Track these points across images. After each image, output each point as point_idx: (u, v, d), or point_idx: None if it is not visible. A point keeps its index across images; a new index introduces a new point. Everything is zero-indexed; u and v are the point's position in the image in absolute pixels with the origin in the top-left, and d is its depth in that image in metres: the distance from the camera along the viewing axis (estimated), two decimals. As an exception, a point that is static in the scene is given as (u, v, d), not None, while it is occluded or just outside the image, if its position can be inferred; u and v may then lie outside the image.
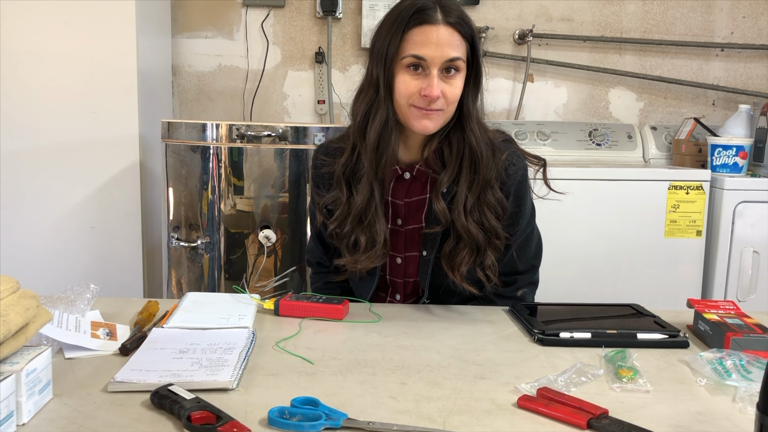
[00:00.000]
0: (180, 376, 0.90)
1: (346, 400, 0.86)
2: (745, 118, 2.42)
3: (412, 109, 1.23)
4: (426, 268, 1.33)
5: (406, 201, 1.34)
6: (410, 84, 1.22)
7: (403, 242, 1.36)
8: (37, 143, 2.18)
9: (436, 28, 1.20)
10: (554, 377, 0.93)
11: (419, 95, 1.21)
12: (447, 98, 1.22)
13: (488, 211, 1.26)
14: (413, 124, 1.24)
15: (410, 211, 1.34)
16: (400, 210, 1.35)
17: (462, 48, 1.23)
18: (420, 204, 1.33)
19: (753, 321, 1.12)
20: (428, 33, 1.20)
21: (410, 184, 1.34)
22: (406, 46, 1.21)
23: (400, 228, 1.35)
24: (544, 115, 2.85)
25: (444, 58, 1.20)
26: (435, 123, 1.24)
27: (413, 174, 1.33)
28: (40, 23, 2.13)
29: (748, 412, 0.85)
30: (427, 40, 1.20)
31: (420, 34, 1.21)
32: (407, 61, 1.21)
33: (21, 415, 0.78)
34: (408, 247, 1.36)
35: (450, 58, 1.20)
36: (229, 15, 2.75)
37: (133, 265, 2.25)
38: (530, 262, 1.40)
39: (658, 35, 2.82)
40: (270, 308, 1.24)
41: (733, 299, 2.19)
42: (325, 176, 1.37)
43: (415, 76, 1.22)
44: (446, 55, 1.20)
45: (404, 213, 1.35)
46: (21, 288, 0.87)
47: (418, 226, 1.34)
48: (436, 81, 1.20)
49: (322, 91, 2.77)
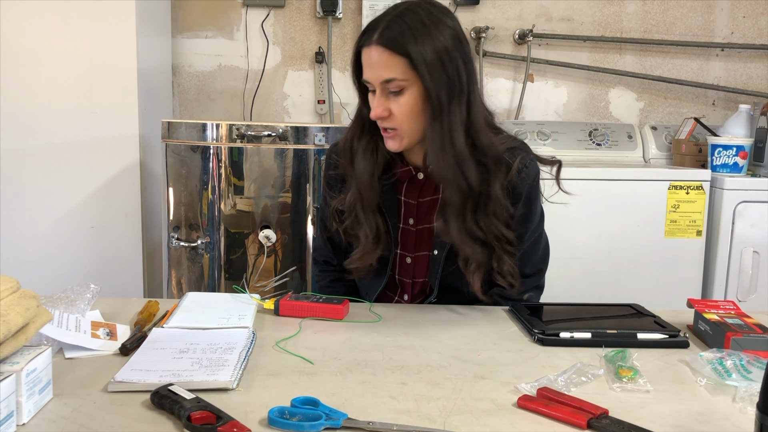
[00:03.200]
0: (180, 376, 0.90)
1: (346, 400, 0.86)
2: (745, 118, 2.42)
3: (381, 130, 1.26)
4: (436, 267, 1.33)
5: (420, 201, 1.34)
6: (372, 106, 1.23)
7: (414, 242, 1.36)
8: (37, 143, 2.18)
9: (369, 50, 1.20)
10: (554, 377, 0.93)
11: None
12: (395, 116, 1.21)
13: (495, 220, 1.25)
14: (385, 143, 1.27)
15: (423, 211, 1.34)
16: (413, 210, 1.35)
17: (397, 67, 1.17)
18: (432, 204, 1.33)
19: (753, 321, 1.12)
20: (366, 56, 1.21)
21: (423, 184, 1.34)
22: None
23: (412, 228, 1.35)
24: (544, 115, 2.85)
25: (378, 80, 1.20)
26: (396, 143, 1.25)
27: (426, 174, 1.32)
28: (40, 23, 2.13)
29: (748, 412, 0.85)
30: (366, 63, 1.21)
31: (363, 56, 1.22)
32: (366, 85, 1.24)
33: (21, 415, 0.78)
34: (419, 247, 1.36)
35: (384, 80, 1.19)
36: (229, 15, 2.75)
37: (133, 265, 2.25)
38: (537, 266, 1.40)
39: (658, 35, 2.82)
40: (270, 308, 1.24)
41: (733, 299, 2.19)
42: (337, 177, 1.37)
43: (373, 96, 1.23)
44: (379, 76, 1.19)
45: (417, 213, 1.35)
46: (21, 288, 0.87)
47: (429, 225, 1.34)
48: (376, 102, 1.21)
49: (322, 91, 2.77)
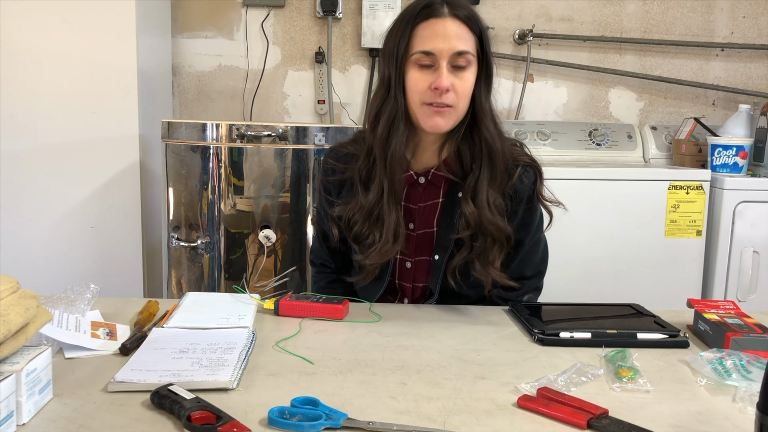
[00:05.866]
0: (180, 376, 0.90)
1: (346, 400, 0.86)
2: (745, 118, 2.41)
3: (424, 108, 1.23)
4: (438, 272, 1.32)
5: (420, 206, 1.34)
6: (420, 80, 1.21)
7: (415, 246, 1.36)
8: (37, 143, 2.18)
9: (443, 21, 1.20)
10: (554, 377, 0.93)
11: (430, 90, 1.21)
12: (457, 92, 1.21)
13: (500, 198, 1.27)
14: (425, 122, 1.24)
15: (423, 216, 1.34)
16: (414, 214, 1.34)
17: (470, 42, 1.22)
18: (432, 208, 1.33)
19: (753, 321, 1.12)
20: (435, 26, 1.20)
21: (424, 189, 1.34)
22: (415, 42, 1.21)
23: (412, 232, 1.35)
24: (544, 115, 2.85)
25: (452, 51, 1.20)
26: (446, 120, 1.23)
27: (428, 178, 1.33)
28: (40, 23, 2.13)
29: (748, 412, 0.85)
30: (435, 34, 1.20)
31: (427, 28, 1.20)
32: (416, 57, 1.21)
33: (21, 415, 0.78)
34: (419, 252, 1.36)
35: (458, 51, 1.20)
36: (229, 15, 2.75)
37: (133, 265, 2.25)
38: (537, 268, 1.41)
39: (658, 35, 2.82)
40: (270, 308, 1.24)
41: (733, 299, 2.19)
42: (335, 183, 1.36)
43: (425, 71, 1.21)
44: (454, 47, 1.20)
45: (417, 217, 1.34)
46: (21, 288, 0.87)
47: (430, 230, 1.34)
48: (445, 73, 1.20)
49: (322, 91, 2.77)
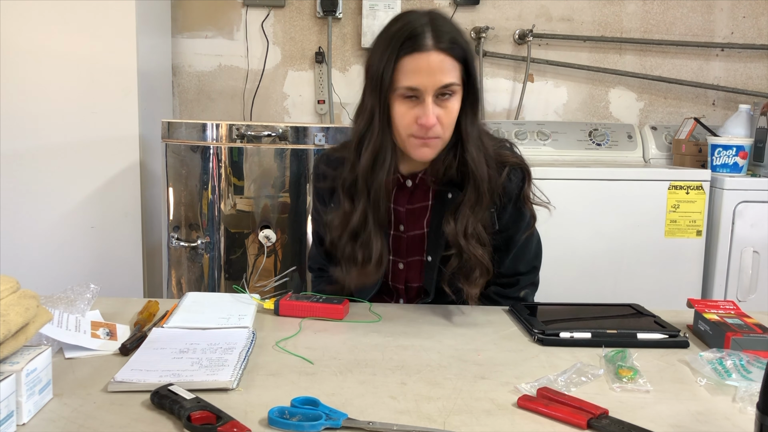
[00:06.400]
0: (180, 376, 0.90)
1: (346, 400, 0.86)
2: (745, 118, 2.41)
3: (411, 140, 1.22)
4: (431, 273, 1.32)
5: (408, 208, 1.34)
6: (406, 115, 1.21)
7: (406, 248, 1.36)
8: (37, 143, 2.18)
9: (427, 55, 1.17)
10: (554, 377, 0.93)
11: (416, 124, 1.20)
12: (443, 123, 1.21)
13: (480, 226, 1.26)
14: (412, 153, 1.24)
15: (412, 218, 1.34)
16: (402, 217, 1.35)
17: (455, 72, 1.20)
18: (422, 210, 1.34)
19: (753, 321, 1.12)
20: (419, 61, 1.18)
21: (412, 192, 1.34)
22: (399, 76, 1.19)
23: (402, 234, 1.35)
24: (544, 115, 2.85)
25: (437, 86, 1.18)
26: (433, 150, 1.24)
27: (415, 182, 1.33)
28: (40, 23, 2.13)
29: (748, 412, 0.85)
30: (419, 69, 1.18)
31: (411, 62, 1.18)
32: (401, 92, 1.20)
33: (21, 415, 0.78)
34: (410, 253, 1.36)
35: (443, 85, 1.19)
36: (229, 15, 2.75)
37: (133, 265, 2.25)
38: (531, 263, 1.41)
39: (658, 35, 2.82)
40: (270, 308, 1.24)
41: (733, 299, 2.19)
42: (327, 190, 1.36)
43: (411, 104, 1.20)
44: (439, 82, 1.18)
45: (406, 219, 1.35)
46: (21, 288, 0.87)
47: (420, 232, 1.34)
48: (430, 109, 1.19)
49: (322, 91, 2.77)
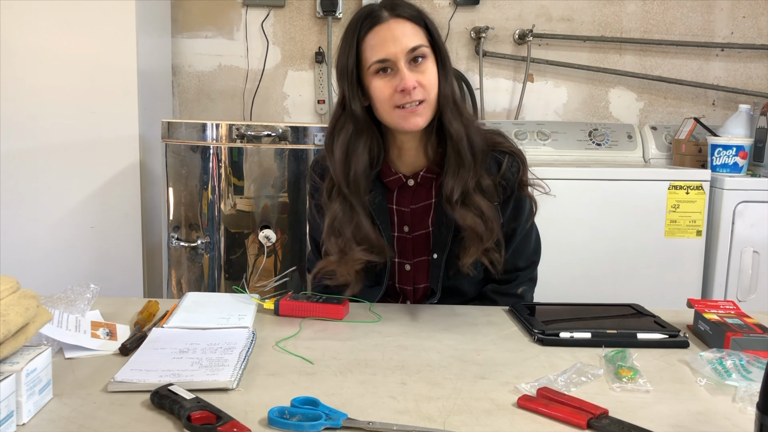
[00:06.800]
0: (180, 376, 0.90)
1: (346, 400, 0.86)
2: (745, 118, 2.41)
3: (397, 111, 1.22)
4: (438, 271, 1.32)
5: (413, 208, 1.34)
6: (384, 87, 1.21)
7: (412, 249, 1.36)
8: (37, 143, 2.18)
9: (387, 25, 1.20)
10: (554, 377, 0.93)
11: (397, 93, 1.20)
12: (424, 85, 1.21)
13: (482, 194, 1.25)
14: (403, 125, 1.23)
15: (417, 218, 1.34)
16: (407, 217, 1.34)
17: (420, 35, 1.22)
18: (426, 209, 1.33)
19: (753, 321, 1.12)
20: (381, 32, 1.20)
21: (415, 191, 1.34)
22: (366, 54, 1.21)
23: (407, 235, 1.35)
24: (544, 115, 2.85)
25: (405, 50, 1.20)
26: (423, 117, 1.23)
27: (417, 181, 1.33)
28: (40, 23, 2.13)
29: (748, 412, 0.85)
30: (383, 40, 1.20)
31: (374, 37, 1.21)
32: (374, 68, 1.21)
33: (21, 415, 0.78)
34: (417, 253, 1.36)
35: (411, 48, 1.20)
36: (229, 15, 2.75)
37: (133, 265, 2.25)
38: (530, 258, 1.41)
39: (658, 35, 2.82)
40: (270, 308, 1.24)
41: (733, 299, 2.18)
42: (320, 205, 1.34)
43: (388, 78, 1.21)
44: (406, 46, 1.20)
45: (411, 220, 1.34)
46: (21, 288, 0.87)
47: (425, 231, 1.34)
48: (406, 73, 1.19)
49: (322, 91, 2.77)
